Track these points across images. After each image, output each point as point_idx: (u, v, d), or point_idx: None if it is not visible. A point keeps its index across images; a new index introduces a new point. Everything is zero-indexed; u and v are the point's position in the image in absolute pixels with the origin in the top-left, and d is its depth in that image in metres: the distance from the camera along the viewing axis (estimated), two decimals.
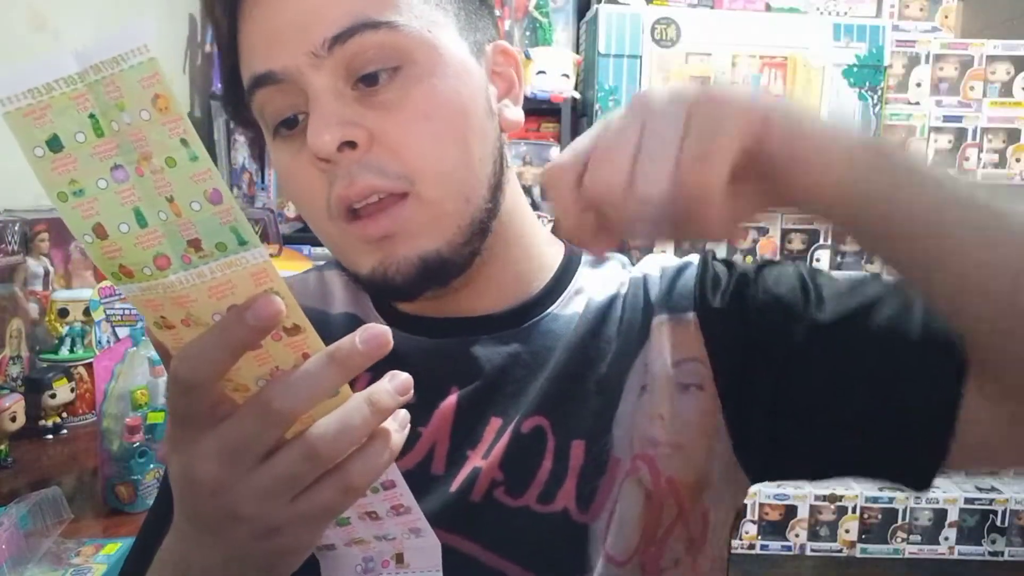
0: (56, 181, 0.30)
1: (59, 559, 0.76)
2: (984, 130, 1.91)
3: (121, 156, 0.30)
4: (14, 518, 0.73)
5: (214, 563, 0.38)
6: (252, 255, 0.31)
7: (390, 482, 0.40)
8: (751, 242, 1.92)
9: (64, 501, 0.81)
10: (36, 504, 0.77)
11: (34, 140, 0.29)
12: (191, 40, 1.94)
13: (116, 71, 0.28)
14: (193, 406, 0.34)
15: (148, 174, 0.30)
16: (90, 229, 0.31)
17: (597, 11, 1.82)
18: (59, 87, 0.29)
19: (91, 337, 1.18)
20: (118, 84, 0.28)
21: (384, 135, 0.48)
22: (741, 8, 1.97)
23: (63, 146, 0.30)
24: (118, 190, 0.30)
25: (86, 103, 0.29)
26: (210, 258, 0.31)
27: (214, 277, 0.31)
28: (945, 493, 1.92)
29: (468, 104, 0.50)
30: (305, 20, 0.47)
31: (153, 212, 0.30)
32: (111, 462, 0.89)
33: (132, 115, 0.29)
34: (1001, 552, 1.93)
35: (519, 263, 0.58)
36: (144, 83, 0.28)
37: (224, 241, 0.31)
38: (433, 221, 0.49)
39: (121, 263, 0.32)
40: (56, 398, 1.11)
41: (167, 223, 0.31)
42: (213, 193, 0.30)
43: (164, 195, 0.30)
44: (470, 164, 0.50)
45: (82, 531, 0.84)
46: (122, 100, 0.29)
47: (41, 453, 1.06)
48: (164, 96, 0.29)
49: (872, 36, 1.82)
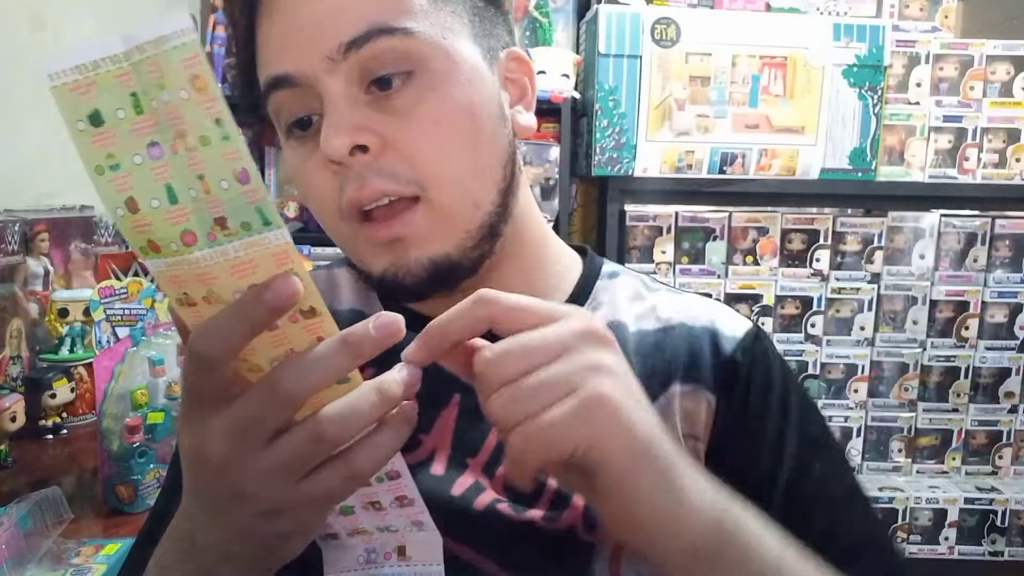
0: (94, 155, 0.31)
1: (59, 559, 0.76)
2: (984, 130, 1.91)
3: (158, 134, 0.31)
4: (14, 518, 0.73)
5: (217, 540, 0.38)
6: (275, 236, 0.32)
7: (395, 472, 0.40)
8: (751, 242, 1.92)
9: (64, 501, 0.81)
10: (36, 504, 0.77)
11: (78, 114, 0.31)
12: None
13: (160, 51, 0.30)
14: (208, 382, 0.35)
15: (183, 152, 0.31)
16: (123, 203, 0.32)
17: (597, 11, 1.82)
18: (105, 65, 0.30)
19: (91, 337, 1.18)
20: (160, 64, 0.30)
21: (396, 140, 0.48)
22: (741, 8, 1.97)
23: (104, 121, 0.31)
24: (153, 166, 0.31)
25: (129, 81, 0.30)
26: (235, 236, 0.32)
27: (237, 256, 0.32)
28: (945, 493, 1.92)
29: (479, 110, 0.51)
30: (321, 24, 0.47)
31: (184, 189, 0.31)
32: (111, 462, 0.89)
33: (172, 94, 0.30)
34: (1001, 552, 1.93)
35: (532, 269, 0.58)
36: (185, 63, 0.30)
37: (249, 221, 0.32)
38: (443, 225, 0.50)
39: (150, 238, 0.33)
40: (56, 398, 1.11)
41: (196, 200, 0.31)
42: (242, 173, 0.31)
43: (195, 173, 0.31)
44: (480, 169, 0.51)
45: (82, 531, 0.84)
46: (163, 79, 0.30)
47: (41, 453, 1.06)
48: (202, 77, 0.30)
49: (872, 36, 1.82)
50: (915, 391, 1.96)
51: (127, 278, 1.15)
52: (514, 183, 0.54)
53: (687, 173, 1.84)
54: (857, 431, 1.98)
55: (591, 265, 0.62)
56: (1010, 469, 1.99)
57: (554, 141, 1.98)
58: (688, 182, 1.88)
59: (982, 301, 1.93)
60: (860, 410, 1.97)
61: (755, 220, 1.92)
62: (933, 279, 1.94)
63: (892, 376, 1.97)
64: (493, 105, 0.52)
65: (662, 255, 1.92)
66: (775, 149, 1.83)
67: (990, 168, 1.92)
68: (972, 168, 1.91)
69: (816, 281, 1.93)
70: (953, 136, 1.91)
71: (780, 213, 1.93)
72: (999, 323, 1.94)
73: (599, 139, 1.82)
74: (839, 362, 1.96)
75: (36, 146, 1.37)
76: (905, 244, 1.94)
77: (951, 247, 1.94)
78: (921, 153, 1.91)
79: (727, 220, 1.92)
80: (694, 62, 1.80)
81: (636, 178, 1.85)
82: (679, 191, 1.93)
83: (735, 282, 1.93)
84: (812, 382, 1.96)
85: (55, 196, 1.36)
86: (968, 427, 1.97)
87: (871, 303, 1.94)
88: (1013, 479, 1.98)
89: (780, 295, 1.94)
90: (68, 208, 1.35)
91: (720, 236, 1.92)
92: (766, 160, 1.84)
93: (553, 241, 0.61)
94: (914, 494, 1.92)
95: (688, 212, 1.93)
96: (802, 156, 1.84)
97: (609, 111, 1.81)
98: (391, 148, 0.48)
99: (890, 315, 1.96)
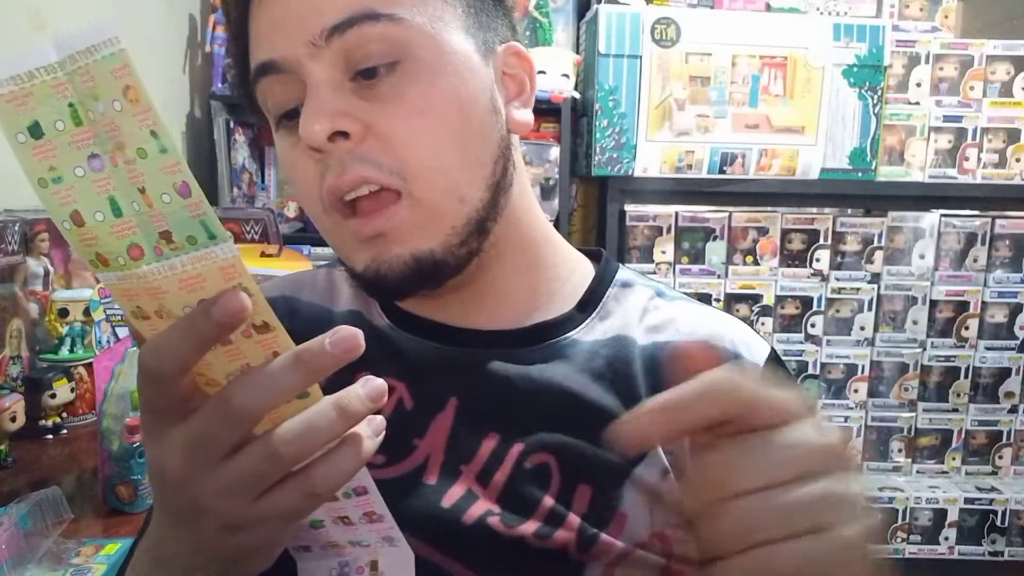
0: (36, 167, 0.31)
1: (59, 559, 0.76)
2: (984, 130, 1.91)
3: (98, 145, 0.30)
4: (14, 518, 0.73)
5: (184, 551, 0.38)
6: (222, 250, 0.31)
7: (362, 488, 0.40)
8: (751, 242, 1.92)
9: (64, 501, 0.81)
10: (36, 504, 0.77)
11: (16, 126, 0.30)
12: (191, 40, 1.94)
13: (91, 61, 0.29)
14: (161, 398, 0.34)
15: (122, 164, 0.30)
16: (68, 216, 0.31)
17: (597, 11, 1.82)
18: (40, 75, 0.30)
19: (91, 337, 1.18)
20: (92, 74, 0.29)
21: (378, 128, 0.47)
22: (741, 8, 1.97)
23: (43, 133, 0.30)
24: (94, 179, 0.31)
25: (65, 92, 0.30)
26: (181, 251, 0.31)
27: (184, 270, 0.32)
28: (945, 493, 1.92)
29: (467, 103, 0.49)
30: (307, 10, 0.47)
31: (127, 202, 0.31)
32: (111, 462, 0.89)
33: (105, 105, 0.30)
34: (1001, 552, 1.93)
35: (531, 270, 0.56)
36: (115, 74, 0.29)
37: (194, 234, 0.31)
38: (427, 221, 0.49)
39: (97, 251, 0.32)
40: (56, 398, 1.11)
41: (140, 214, 0.31)
42: (182, 186, 0.30)
43: (136, 185, 0.31)
44: (467, 163, 0.50)
45: (82, 531, 0.84)
46: (96, 90, 0.30)
47: (41, 453, 1.06)
48: (134, 88, 0.29)
49: (872, 36, 1.82)
50: (915, 391, 1.96)
51: None
52: (505, 180, 0.53)
53: (687, 173, 1.84)
54: (857, 431, 1.98)
55: (605, 271, 0.60)
56: (1010, 469, 1.99)
57: (554, 141, 1.98)
58: (688, 182, 1.88)
59: (982, 301, 1.93)
60: (860, 410, 1.97)
61: (755, 220, 1.92)
62: (933, 279, 1.94)
63: (892, 376, 1.97)
64: (484, 98, 0.51)
65: (662, 255, 1.92)
66: (775, 149, 1.83)
67: (990, 168, 1.92)
68: (972, 168, 1.91)
69: (816, 281, 1.93)
70: (953, 136, 1.91)
71: (780, 213, 1.93)
72: (999, 323, 1.94)
73: (599, 139, 1.82)
74: (839, 362, 1.96)
75: None
76: (905, 244, 1.94)
77: (951, 247, 1.94)
78: (921, 153, 1.91)
79: (727, 220, 1.92)
80: (694, 62, 1.80)
81: (636, 178, 1.85)
82: (679, 191, 1.93)
83: (735, 282, 1.93)
84: (812, 382, 1.96)
85: None
86: (968, 427, 1.97)
87: (871, 303, 1.94)
88: (1013, 479, 1.98)
89: (780, 295, 1.94)
90: None
91: (720, 236, 1.92)
92: (766, 160, 1.84)
93: (557, 242, 0.59)
94: (914, 494, 1.91)
95: (688, 212, 1.93)
96: (802, 156, 1.84)
97: (609, 111, 1.81)
98: (373, 136, 0.47)
99: (890, 315, 1.96)
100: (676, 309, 0.58)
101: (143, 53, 1.74)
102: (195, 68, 1.96)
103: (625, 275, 0.61)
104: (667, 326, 0.57)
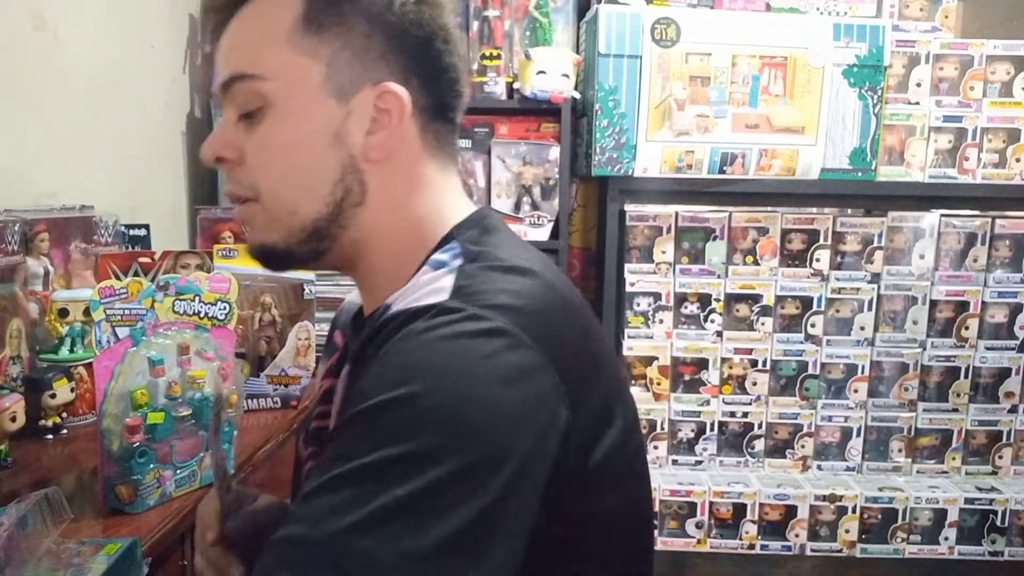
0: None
1: (59, 559, 0.76)
2: (984, 130, 1.91)
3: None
4: (14, 518, 0.73)
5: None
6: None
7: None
8: (751, 242, 1.92)
9: (64, 501, 0.81)
10: (36, 504, 0.77)
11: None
12: (191, 40, 1.94)
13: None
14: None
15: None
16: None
17: (597, 11, 1.82)
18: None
19: (91, 337, 1.18)
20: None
21: (246, 157, 0.64)
22: (741, 8, 1.97)
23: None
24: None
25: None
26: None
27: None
28: (945, 493, 1.92)
29: (304, 140, 0.62)
30: (217, 69, 0.65)
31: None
32: (111, 462, 0.89)
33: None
34: (1001, 552, 1.93)
35: (385, 272, 0.65)
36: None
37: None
38: (269, 224, 0.64)
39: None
40: (56, 398, 1.11)
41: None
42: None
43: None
44: (299, 185, 0.63)
45: (82, 531, 0.84)
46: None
47: (41, 453, 1.06)
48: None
49: (872, 36, 1.82)
50: (915, 391, 1.96)
51: (127, 278, 1.15)
52: (350, 198, 0.63)
53: (687, 173, 1.84)
54: (857, 431, 1.98)
55: (440, 252, 0.62)
56: (1010, 469, 1.99)
57: (554, 141, 1.98)
58: (688, 182, 1.88)
59: (982, 301, 1.93)
60: (860, 410, 1.97)
61: (755, 220, 1.92)
62: (933, 279, 1.94)
63: (892, 376, 1.97)
64: (325, 135, 0.62)
65: (662, 255, 1.92)
66: (775, 149, 1.84)
67: (990, 168, 1.92)
68: (972, 168, 1.91)
69: (816, 281, 1.93)
70: (953, 136, 1.91)
71: (780, 213, 1.93)
72: (999, 323, 1.94)
73: (599, 139, 1.82)
74: (839, 362, 1.96)
75: (36, 146, 1.37)
76: (905, 244, 1.94)
77: (951, 247, 1.94)
78: (921, 153, 1.91)
79: (727, 220, 1.92)
80: (694, 62, 1.81)
81: (636, 178, 1.85)
82: (679, 191, 1.93)
83: (735, 282, 1.93)
84: (812, 382, 1.96)
85: (55, 196, 1.36)
86: (968, 427, 1.97)
87: (871, 303, 1.94)
88: (1013, 479, 1.98)
89: (780, 295, 1.94)
90: (68, 208, 1.34)
91: (720, 236, 1.92)
92: (766, 160, 1.84)
93: (433, 232, 0.64)
94: (914, 494, 1.92)
95: (688, 212, 1.93)
96: (802, 156, 1.84)
97: (609, 111, 1.81)
98: (244, 162, 0.64)
99: (890, 315, 1.96)
100: (437, 284, 0.58)
101: (143, 53, 1.74)
102: (195, 68, 1.96)
103: (443, 256, 0.61)
104: (406, 295, 0.59)
